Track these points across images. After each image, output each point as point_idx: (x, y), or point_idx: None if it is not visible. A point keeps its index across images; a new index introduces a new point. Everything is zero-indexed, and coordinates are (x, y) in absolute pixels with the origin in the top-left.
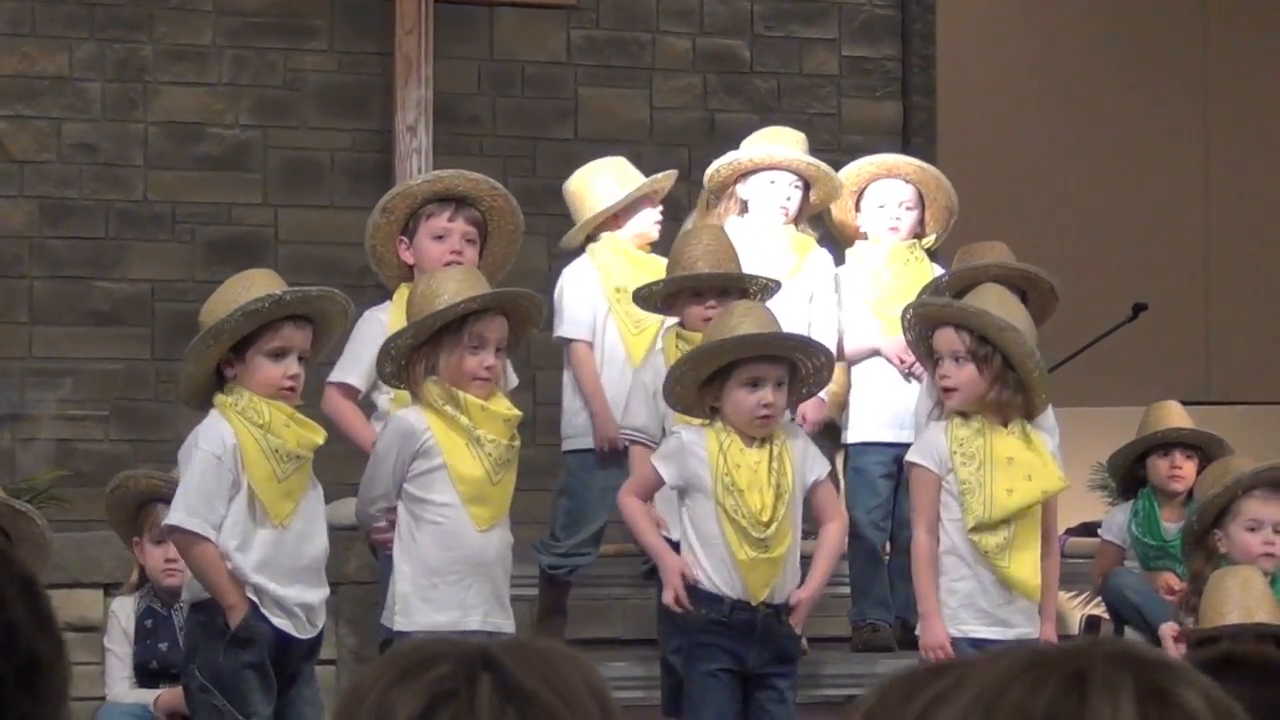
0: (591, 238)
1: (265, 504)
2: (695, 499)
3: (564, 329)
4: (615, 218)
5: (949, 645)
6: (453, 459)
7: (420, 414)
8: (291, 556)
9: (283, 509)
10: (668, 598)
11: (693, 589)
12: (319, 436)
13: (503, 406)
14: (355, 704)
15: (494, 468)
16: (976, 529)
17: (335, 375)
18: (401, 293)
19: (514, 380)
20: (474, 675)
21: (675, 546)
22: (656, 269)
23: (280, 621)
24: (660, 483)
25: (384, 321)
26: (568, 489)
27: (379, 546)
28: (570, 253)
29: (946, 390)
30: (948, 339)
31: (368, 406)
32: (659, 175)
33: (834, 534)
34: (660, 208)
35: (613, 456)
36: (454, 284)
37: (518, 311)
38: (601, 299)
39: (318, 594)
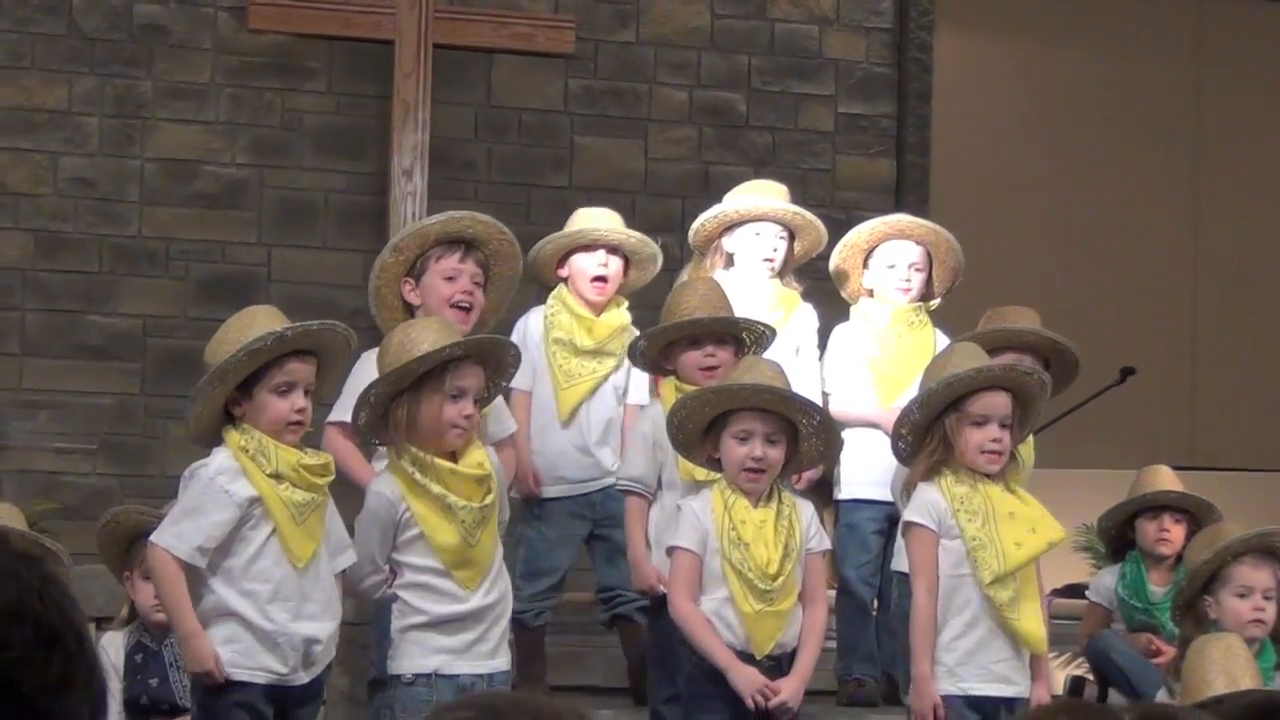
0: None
1: (289, 545)
2: (705, 555)
3: None
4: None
5: (941, 709)
6: (429, 528)
7: (394, 484)
8: (303, 593)
9: (305, 550)
10: (750, 703)
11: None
12: (327, 477)
13: (472, 464)
14: None
15: (468, 532)
16: (993, 584)
17: (334, 415)
18: None
19: (512, 426)
20: None
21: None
22: (600, 327)
23: (270, 663)
24: (699, 563)
25: None
26: (524, 538)
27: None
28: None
29: (996, 455)
30: (1002, 403)
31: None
32: (584, 216)
33: (819, 620)
34: (605, 265)
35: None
36: (433, 334)
37: (494, 360)
38: (541, 349)
39: (321, 628)
